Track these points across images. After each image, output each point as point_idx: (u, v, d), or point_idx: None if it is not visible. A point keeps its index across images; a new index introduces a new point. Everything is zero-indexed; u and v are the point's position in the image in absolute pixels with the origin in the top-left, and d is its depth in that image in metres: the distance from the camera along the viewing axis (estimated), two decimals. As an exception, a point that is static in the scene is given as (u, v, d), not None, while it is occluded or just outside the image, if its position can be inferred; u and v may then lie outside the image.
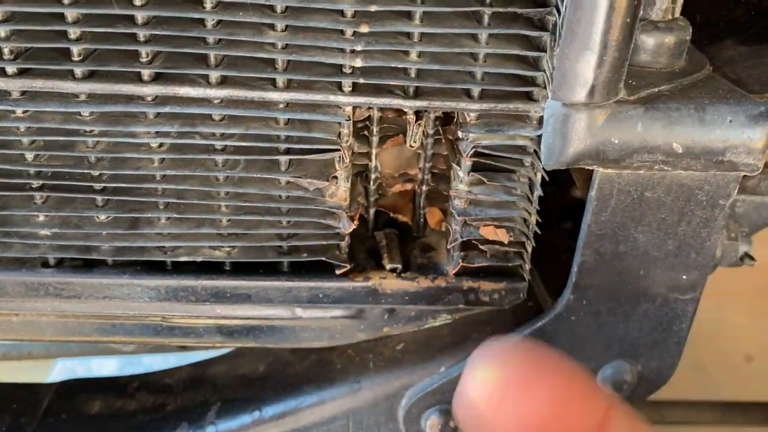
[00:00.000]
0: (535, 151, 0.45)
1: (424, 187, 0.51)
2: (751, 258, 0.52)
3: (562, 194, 0.60)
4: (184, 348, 0.79)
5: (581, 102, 0.40)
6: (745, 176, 0.55)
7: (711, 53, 0.49)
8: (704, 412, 1.02)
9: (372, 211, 0.52)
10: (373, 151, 0.49)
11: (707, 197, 0.46)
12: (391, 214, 0.54)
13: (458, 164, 0.47)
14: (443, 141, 0.49)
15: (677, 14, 0.46)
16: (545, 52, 0.41)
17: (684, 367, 0.54)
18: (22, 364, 0.79)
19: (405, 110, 0.45)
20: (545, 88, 0.42)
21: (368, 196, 0.51)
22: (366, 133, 0.49)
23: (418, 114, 0.46)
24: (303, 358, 0.60)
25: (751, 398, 1.08)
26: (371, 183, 0.51)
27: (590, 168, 0.43)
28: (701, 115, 0.42)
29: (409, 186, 0.52)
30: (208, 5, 0.40)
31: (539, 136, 0.43)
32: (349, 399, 0.56)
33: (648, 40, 0.45)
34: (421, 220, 0.53)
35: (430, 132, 0.48)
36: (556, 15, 0.40)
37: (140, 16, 0.40)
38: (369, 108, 0.47)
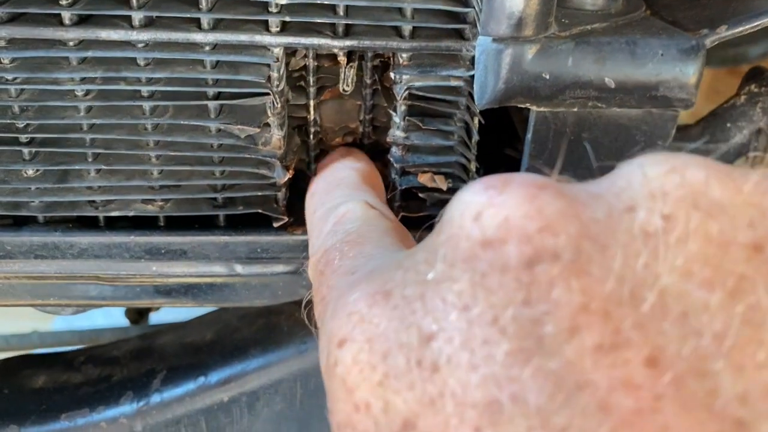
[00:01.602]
0: (470, 93, 0.44)
1: (366, 141, 0.51)
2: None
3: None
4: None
5: (510, 35, 0.40)
6: (689, 125, 0.55)
7: (651, 0, 0.49)
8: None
9: (313, 166, 0.52)
10: (311, 103, 0.48)
11: (645, 137, 0.45)
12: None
13: (394, 110, 0.46)
14: (381, 90, 0.48)
15: (614, -44, 0.46)
16: (473, -14, 0.41)
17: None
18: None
19: (335, 52, 0.44)
20: (476, 26, 0.42)
21: (309, 151, 0.50)
22: (303, 83, 0.48)
23: (351, 56, 0.45)
24: (251, 323, 0.59)
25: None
26: (311, 136, 0.50)
27: (524, 107, 0.43)
28: (632, 49, 0.42)
29: (350, 139, 0.52)
30: (127, -58, 0.39)
31: (472, 77, 0.43)
32: (295, 361, 0.55)
33: (583, -18, 0.44)
34: (364, 175, 0.52)
35: (368, 81, 0.48)
36: (482, -53, 0.39)
37: (58, -45, 0.39)
38: (305, 56, 0.46)
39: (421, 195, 0.48)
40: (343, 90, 0.46)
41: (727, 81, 0.58)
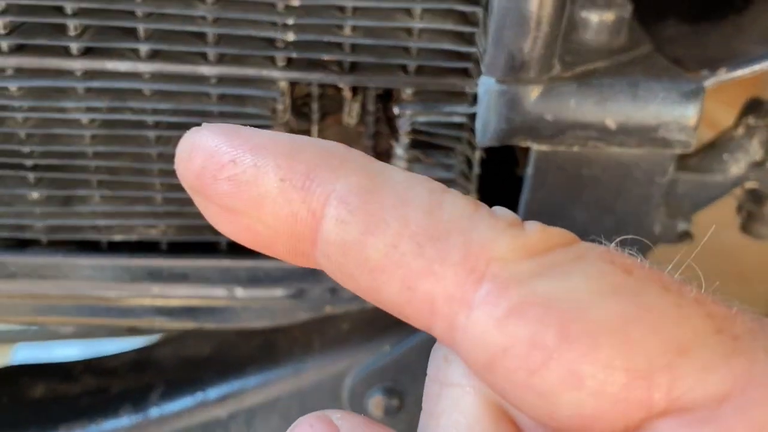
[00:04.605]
0: (471, 128, 0.45)
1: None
2: (690, 236, 0.53)
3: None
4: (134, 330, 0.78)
5: (513, 78, 0.40)
6: (686, 155, 0.55)
7: (654, 31, 0.50)
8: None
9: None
10: (315, 129, 0.48)
11: (644, 175, 0.46)
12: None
13: (397, 141, 0.46)
14: (384, 118, 0.49)
15: (617, -9, 0.46)
16: (478, 27, 0.41)
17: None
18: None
19: (340, 86, 0.44)
20: (480, 64, 0.42)
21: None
22: (307, 110, 0.48)
23: (356, 90, 0.46)
24: (249, 339, 0.59)
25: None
26: (313, 162, 0.50)
27: (525, 145, 0.43)
28: (634, 91, 0.42)
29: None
30: (136, -23, 0.39)
31: (475, 113, 0.43)
32: (293, 380, 0.56)
33: (586, 17, 0.45)
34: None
35: (371, 109, 0.48)
36: (489, -11, 0.40)
37: (66, -13, 0.39)
38: (309, 84, 0.47)
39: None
40: (347, 123, 0.47)
41: (723, 110, 0.59)
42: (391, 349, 0.54)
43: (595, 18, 0.45)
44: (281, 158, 0.19)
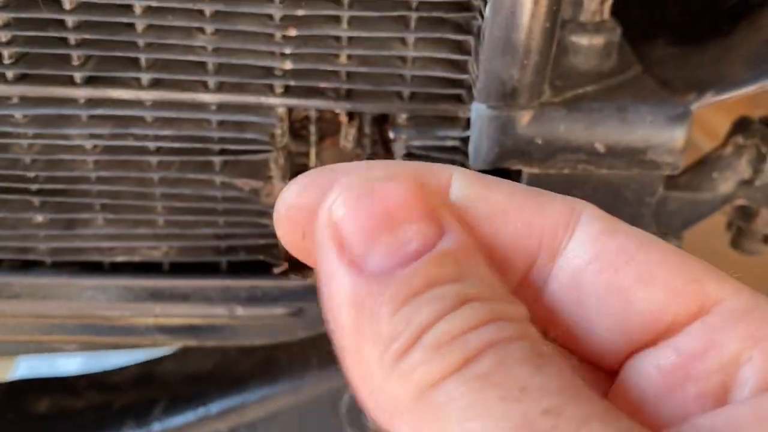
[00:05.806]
0: (465, 152, 0.46)
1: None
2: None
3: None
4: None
5: (504, 104, 0.42)
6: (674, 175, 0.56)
7: (643, 52, 0.51)
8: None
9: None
10: (313, 151, 0.50)
11: (633, 195, 0.47)
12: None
13: (392, 164, 0.47)
14: (380, 141, 0.50)
15: (606, 16, 0.47)
16: (470, 55, 0.42)
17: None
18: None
19: (337, 111, 0.46)
20: (472, 90, 0.43)
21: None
22: (304, 132, 0.49)
23: (352, 114, 0.47)
24: (250, 355, 0.60)
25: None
26: (311, 182, 0.51)
27: (517, 168, 0.44)
28: (623, 115, 0.43)
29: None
30: (138, 10, 0.40)
31: (468, 137, 0.44)
32: (293, 395, 0.57)
33: (576, 42, 0.46)
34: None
35: (368, 132, 0.49)
36: (480, 19, 0.41)
37: (70, 20, 0.41)
38: (306, 109, 0.48)
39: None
40: (344, 146, 0.48)
41: (721, 119, 0.60)
42: (389, 365, 0.55)
43: (585, 42, 0.46)
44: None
